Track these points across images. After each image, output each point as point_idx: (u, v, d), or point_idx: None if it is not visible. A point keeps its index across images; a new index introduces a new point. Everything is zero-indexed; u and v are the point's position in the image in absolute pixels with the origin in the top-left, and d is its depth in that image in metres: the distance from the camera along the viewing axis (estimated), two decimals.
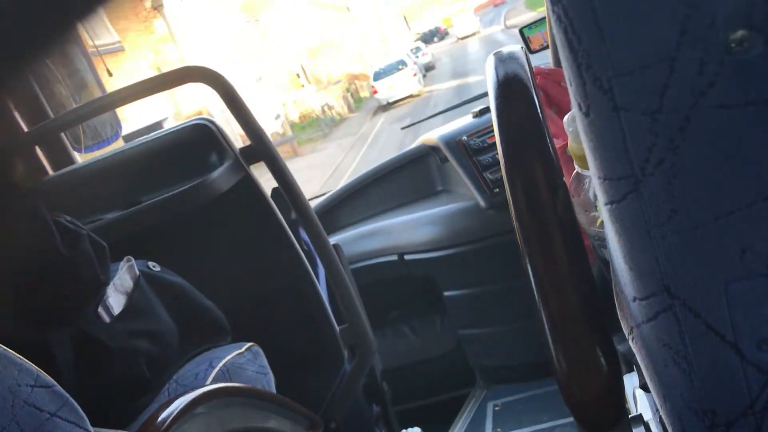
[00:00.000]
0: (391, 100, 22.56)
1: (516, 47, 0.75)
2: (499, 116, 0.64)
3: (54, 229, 0.96)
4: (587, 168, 0.45)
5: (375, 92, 23.17)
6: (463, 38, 41.31)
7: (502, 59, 0.70)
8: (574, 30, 0.38)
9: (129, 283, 1.10)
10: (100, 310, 1.03)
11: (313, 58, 30.46)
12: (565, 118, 0.77)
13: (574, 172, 0.77)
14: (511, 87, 0.66)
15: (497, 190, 1.98)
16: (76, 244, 0.98)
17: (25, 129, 1.72)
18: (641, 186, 0.39)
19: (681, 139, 0.37)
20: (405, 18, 59.51)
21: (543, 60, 1.90)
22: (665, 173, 0.38)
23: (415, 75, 22.92)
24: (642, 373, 0.56)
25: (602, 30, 0.37)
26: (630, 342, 0.54)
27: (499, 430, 2.01)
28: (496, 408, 2.14)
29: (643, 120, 0.38)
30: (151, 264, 1.22)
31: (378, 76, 23.57)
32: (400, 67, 23.34)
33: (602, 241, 0.76)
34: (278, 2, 27.09)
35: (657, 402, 0.51)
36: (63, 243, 0.96)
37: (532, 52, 1.84)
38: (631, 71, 0.37)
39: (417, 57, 28.75)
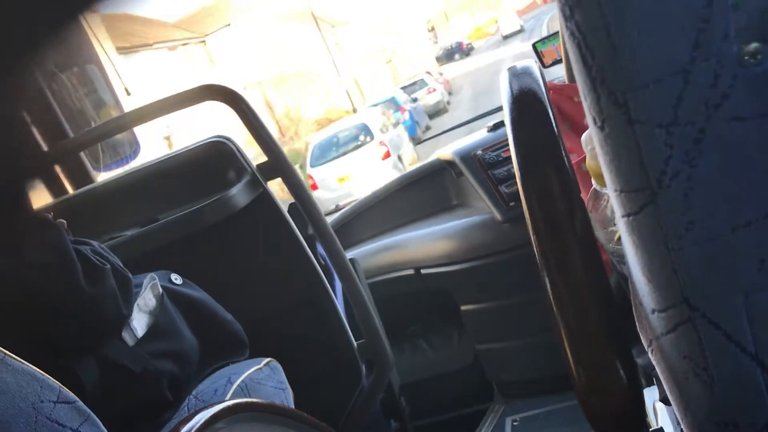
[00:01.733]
0: (343, 203, 7.39)
1: (530, 61, 0.75)
2: (514, 130, 0.65)
3: (77, 266, 0.96)
4: (605, 185, 0.46)
5: (314, 187, 11.75)
6: (507, 36, 36.58)
7: (516, 74, 0.71)
8: (588, 45, 0.38)
9: (153, 303, 1.11)
10: (124, 333, 1.04)
11: (277, 89, 22.69)
12: (584, 136, 0.78)
13: (592, 188, 0.77)
14: (526, 101, 0.66)
15: (513, 203, 1.97)
16: (100, 280, 0.98)
17: (45, 148, 1.75)
18: (658, 198, 0.40)
19: (696, 152, 0.38)
20: (434, 29, 48.47)
21: (556, 74, 1.90)
22: (681, 185, 0.39)
23: (386, 157, 11.55)
24: (662, 386, 0.55)
25: (615, 45, 0.37)
26: (650, 354, 0.54)
27: None
28: (515, 423, 2.12)
29: (658, 133, 0.38)
30: (173, 277, 1.23)
31: (318, 157, 12.62)
32: (361, 139, 12.28)
33: (620, 257, 0.76)
34: (234, 16, 21.55)
35: (678, 415, 0.51)
36: (86, 278, 0.96)
37: (545, 66, 1.85)
38: (646, 85, 0.37)
39: (415, 100, 17.75)
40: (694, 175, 0.38)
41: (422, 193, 2.39)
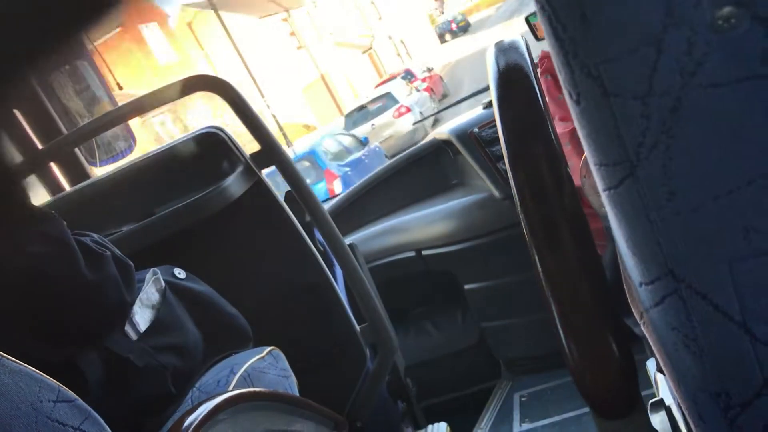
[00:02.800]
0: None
1: (517, 36, 0.74)
2: (500, 108, 0.64)
3: (78, 253, 0.96)
4: None
5: None
6: None
7: (502, 49, 0.70)
8: (558, 18, 0.38)
9: (155, 297, 1.11)
10: (127, 327, 1.03)
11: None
12: None
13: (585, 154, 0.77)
14: (513, 78, 0.66)
15: None
16: (101, 267, 0.99)
17: (40, 146, 1.75)
18: (637, 170, 0.39)
19: (673, 121, 0.37)
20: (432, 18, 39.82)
21: None
22: (660, 156, 0.38)
23: None
24: None
25: (586, 16, 0.37)
26: (642, 327, 0.54)
27: (526, 420, 2.00)
28: (523, 399, 2.13)
29: (634, 104, 0.37)
30: (176, 271, 1.23)
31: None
32: None
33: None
34: None
35: (672, 386, 0.51)
36: (88, 266, 0.97)
37: (538, 39, 1.83)
38: (618, 56, 0.37)
39: (365, 142, 11.20)
40: (673, 145, 0.38)
41: (420, 174, 2.38)
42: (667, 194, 0.39)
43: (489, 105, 2.16)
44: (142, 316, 1.06)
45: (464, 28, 34.12)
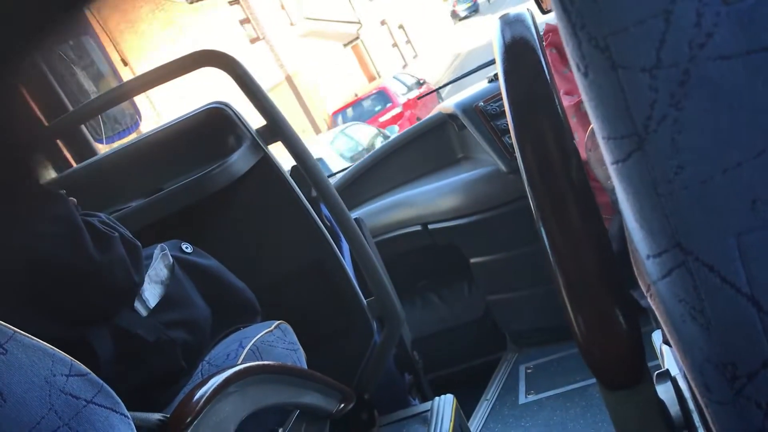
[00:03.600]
0: None
1: (523, 9, 0.74)
2: (506, 81, 0.64)
3: (86, 234, 0.96)
4: None
5: None
6: None
7: (508, 22, 0.70)
8: None
9: (164, 273, 1.12)
10: (137, 304, 1.04)
11: None
12: None
13: (591, 127, 0.77)
14: (518, 51, 0.65)
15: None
16: (109, 248, 0.99)
17: (46, 123, 1.75)
18: (645, 144, 0.39)
19: (682, 94, 0.37)
20: None
21: None
22: (668, 129, 0.38)
23: None
24: None
25: None
26: (648, 299, 0.54)
27: (532, 392, 2.02)
28: (529, 370, 2.15)
29: (642, 77, 0.37)
30: (184, 246, 1.23)
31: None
32: None
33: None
34: None
35: (678, 357, 0.51)
36: (96, 247, 0.97)
37: (544, 12, 1.81)
38: (626, 27, 0.36)
39: None
40: (681, 118, 0.38)
41: (425, 148, 2.38)
42: (675, 167, 0.39)
43: (494, 79, 2.15)
44: (151, 293, 1.07)
45: (475, 8, 27.65)
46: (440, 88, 2.59)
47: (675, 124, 0.38)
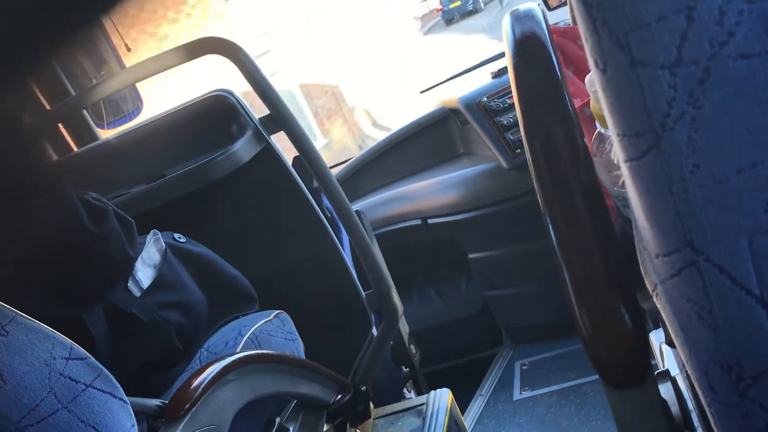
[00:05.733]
0: None
1: (532, 4, 0.73)
2: (516, 76, 0.63)
3: (80, 208, 0.97)
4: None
5: None
6: None
7: (518, 17, 0.69)
8: None
9: (157, 257, 1.12)
10: (130, 284, 1.05)
11: None
12: (587, 77, 0.76)
13: (596, 131, 0.76)
14: (529, 46, 0.65)
15: (519, 150, 1.96)
16: (103, 221, 1.00)
17: (48, 107, 1.74)
18: (661, 142, 0.39)
19: (701, 92, 0.37)
20: None
21: (561, 17, 1.86)
22: (686, 128, 0.38)
23: None
24: (668, 329, 0.56)
25: None
26: (654, 299, 0.54)
27: (527, 388, 2.03)
28: (524, 367, 2.15)
29: (662, 74, 0.37)
30: (176, 236, 1.24)
31: None
32: None
33: (625, 201, 0.76)
34: None
35: (683, 357, 0.51)
36: (90, 220, 0.98)
37: (550, 9, 1.81)
38: (648, 23, 0.36)
39: None
40: (699, 116, 0.37)
41: (427, 142, 2.37)
42: (690, 166, 0.39)
43: (498, 74, 2.14)
44: (144, 274, 1.07)
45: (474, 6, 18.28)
46: (446, 81, 2.57)
47: (692, 123, 0.37)
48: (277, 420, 1.08)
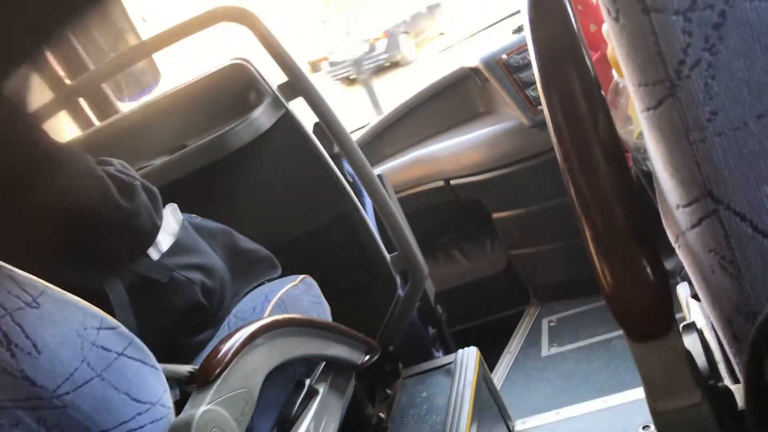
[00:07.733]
0: None
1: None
2: (532, 29, 0.62)
3: (110, 184, 0.98)
4: None
5: None
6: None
7: None
8: None
9: (174, 226, 1.14)
10: (150, 249, 1.06)
11: None
12: (604, 25, 0.75)
13: (612, 82, 0.75)
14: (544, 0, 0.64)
15: (540, 107, 1.94)
16: (133, 196, 1.01)
17: (68, 82, 1.75)
18: (677, 90, 0.38)
19: (717, 38, 0.36)
20: None
21: None
22: (702, 74, 0.37)
23: None
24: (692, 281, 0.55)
25: None
26: (677, 250, 0.53)
27: (555, 344, 2.04)
28: (551, 324, 2.16)
29: (676, 20, 0.36)
30: (192, 216, 1.25)
31: None
32: None
33: (643, 152, 0.74)
34: None
35: (706, 308, 0.51)
36: (121, 195, 0.99)
37: None
38: None
39: None
40: (715, 62, 0.36)
41: (448, 103, 2.35)
42: (708, 114, 0.38)
43: (518, 30, 2.11)
44: (163, 238, 1.09)
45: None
46: (466, 39, 2.54)
47: (709, 69, 0.37)
48: (307, 382, 1.10)
